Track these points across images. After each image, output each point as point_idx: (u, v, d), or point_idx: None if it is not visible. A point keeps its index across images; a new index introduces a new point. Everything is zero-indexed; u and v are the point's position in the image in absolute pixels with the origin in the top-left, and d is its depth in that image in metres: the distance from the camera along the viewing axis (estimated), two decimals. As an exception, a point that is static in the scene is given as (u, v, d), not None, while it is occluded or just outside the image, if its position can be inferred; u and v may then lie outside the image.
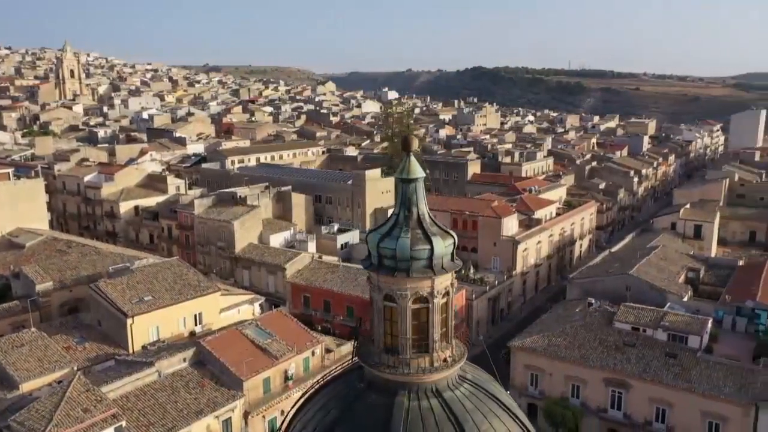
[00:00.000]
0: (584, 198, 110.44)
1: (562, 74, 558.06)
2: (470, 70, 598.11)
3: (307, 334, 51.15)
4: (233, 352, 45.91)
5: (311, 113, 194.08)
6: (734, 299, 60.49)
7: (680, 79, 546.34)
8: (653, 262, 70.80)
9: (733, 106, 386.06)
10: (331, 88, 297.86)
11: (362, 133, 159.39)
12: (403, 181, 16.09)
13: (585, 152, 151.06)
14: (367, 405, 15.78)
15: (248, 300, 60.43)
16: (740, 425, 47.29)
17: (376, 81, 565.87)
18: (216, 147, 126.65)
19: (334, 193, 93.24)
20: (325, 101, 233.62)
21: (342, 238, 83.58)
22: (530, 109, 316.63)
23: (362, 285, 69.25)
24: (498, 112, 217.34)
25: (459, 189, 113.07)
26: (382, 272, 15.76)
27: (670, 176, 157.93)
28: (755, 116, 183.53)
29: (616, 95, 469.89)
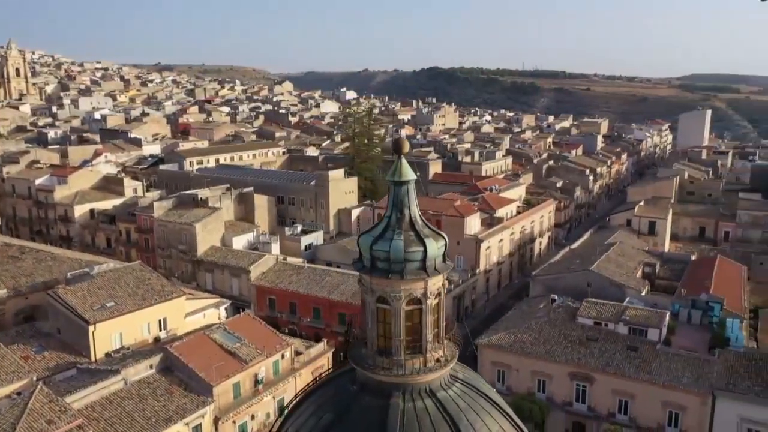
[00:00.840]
0: (543, 196, 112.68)
1: (517, 75, 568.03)
2: (426, 70, 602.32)
3: (276, 337, 50.70)
4: (201, 357, 45.11)
5: (269, 113, 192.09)
6: (689, 293, 62.83)
7: (629, 79, 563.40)
8: (612, 258, 72.93)
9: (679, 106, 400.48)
10: (288, 88, 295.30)
11: (322, 133, 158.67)
12: (395, 183, 16.19)
13: (542, 151, 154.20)
14: (362, 407, 15.80)
15: (213, 304, 59.47)
16: (698, 414, 49.18)
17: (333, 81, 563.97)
18: (173, 148, 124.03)
19: (297, 194, 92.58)
20: (283, 101, 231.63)
21: (306, 240, 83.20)
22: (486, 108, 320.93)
23: (328, 286, 69.19)
24: (456, 112, 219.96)
25: (421, 188, 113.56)
26: (376, 274, 15.81)
27: (623, 174, 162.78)
28: (701, 116, 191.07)
29: (569, 95, 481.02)
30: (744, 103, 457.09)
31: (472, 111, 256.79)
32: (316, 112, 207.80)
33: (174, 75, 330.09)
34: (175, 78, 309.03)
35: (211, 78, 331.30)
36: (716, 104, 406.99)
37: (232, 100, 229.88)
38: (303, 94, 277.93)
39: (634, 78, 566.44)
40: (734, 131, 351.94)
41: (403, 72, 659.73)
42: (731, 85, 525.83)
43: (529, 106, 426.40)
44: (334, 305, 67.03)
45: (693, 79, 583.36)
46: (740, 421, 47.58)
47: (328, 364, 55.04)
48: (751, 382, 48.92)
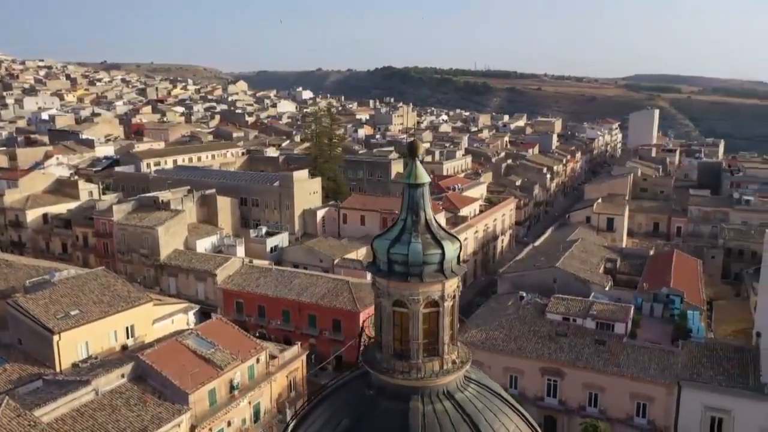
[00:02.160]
0: (503, 195, 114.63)
1: (469, 74, 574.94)
2: (380, 69, 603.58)
3: (249, 341, 49.93)
4: (175, 364, 44.00)
5: (225, 113, 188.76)
6: (651, 287, 64.91)
7: (577, 80, 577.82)
8: (575, 255, 74.68)
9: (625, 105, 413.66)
10: (243, 87, 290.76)
11: (281, 134, 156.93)
12: (410, 186, 16.11)
13: (499, 150, 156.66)
14: (381, 411, 15.68)
15: (182, 309, 58.17)
16: (665, 403, 50.89)
17: (287, 80, 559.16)
18: (128, 149, 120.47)
19: (261, 195, 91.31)
20: (239, 101, 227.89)
21: (271, 241, 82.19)
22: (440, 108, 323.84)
23: (297, 288, 68.56)
24: (414, 112, 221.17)
25: (383, 188, 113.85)
26: (394, 278, 15.70)
27: (577, 172, 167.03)
28: (650, 115, 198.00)
29: (520, 95, 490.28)
30: (685, 103, 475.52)
31: (429, 110, 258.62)
32: (273, 112, 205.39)
33: (123, 74, 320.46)
34: (124, 77, 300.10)
35: (162, 77, 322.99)
36: (660, 104, 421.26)
37: (186, 100, 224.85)
38: (258, 93, 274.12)
39: (582, 78, 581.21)
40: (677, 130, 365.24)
41: (357, 71, 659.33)
42: (673, 85, 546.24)
43: (482, 106, 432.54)
44: (304, 307, 66.50)
45: (637, 80, 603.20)
46: (704, 409, 49.43)
47: (302, 368, 54.66)
48: (713, 372, 50.90)
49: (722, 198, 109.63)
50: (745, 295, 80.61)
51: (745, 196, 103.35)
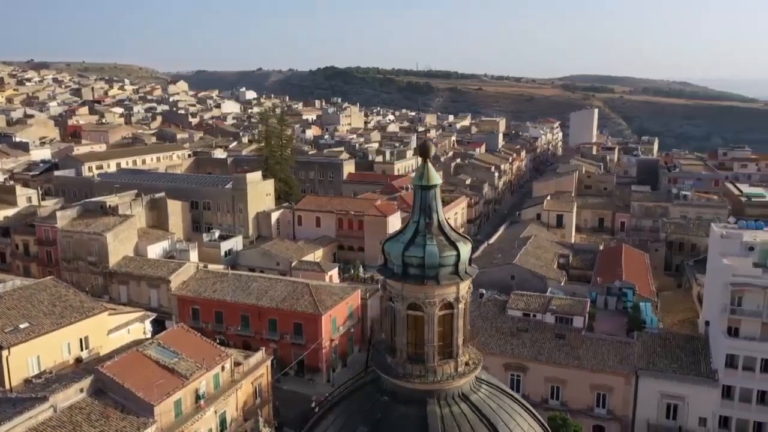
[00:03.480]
0: (454, 194, 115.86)
1: (412, 75, 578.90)
2: (323, 69, 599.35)
3: (213, 349, 48.56)
4: (138, 376, 42.29)
5: (167, 114, 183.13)
6: (604, 281, 67.04)
7: (516, 80, 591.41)
8: (530, 252, 76.36)
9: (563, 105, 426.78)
10: (183, 87, 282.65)
11: (227, 135, 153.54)
12: (422, 188, 15.96)
13: (447, 150, 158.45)
14: (398, 417, 15.49)
15: (138, 318, 56.06)
16: (623, 393, 52.68)
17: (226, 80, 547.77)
18: (67, 152, 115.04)
19: (213, 198, 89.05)
20: (180, 101, 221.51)
21: (225, 245, 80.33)
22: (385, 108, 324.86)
23: (256, 293, 67.19)
24: (361, 112, 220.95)
25: (335, 189, 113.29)
26: (409, 281, 15.52)
27: (523, 170, 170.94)
28: (590, 114, 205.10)
29: (462, 95, 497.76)
30: (619, 102, 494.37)
31: (375, 110, 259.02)
32: (217, 113, 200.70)
33: (53, 73, 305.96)
34: (56, 77, 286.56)
35: (97, 77, 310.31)
36: (595, 103, 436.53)
37: (124, 101, 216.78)
38: (200, 94, 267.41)
39: (520, 78, 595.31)
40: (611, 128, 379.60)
41: (299, 71, 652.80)
42: (607, 85, 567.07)
43: (425, 106, 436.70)
44: (264, 312, 65.25)
45: (573, 80, 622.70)
46: (660, 396, 51.48)
47: (267, 374, 53.61)
48: (667, 361, 53.07)
49: (661, 193, 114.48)
50: (687, 285, 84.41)
51: (683, 191, 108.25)
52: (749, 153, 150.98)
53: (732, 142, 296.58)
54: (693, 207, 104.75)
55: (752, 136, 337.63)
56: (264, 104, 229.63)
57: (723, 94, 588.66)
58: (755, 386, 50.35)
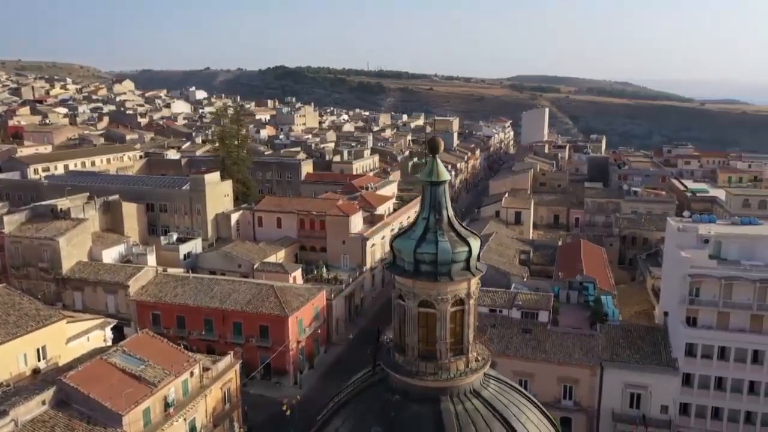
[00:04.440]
0: (412, 193, 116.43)
1: (363, 75, 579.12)
2: (273, 69, 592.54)
3: (181, 354, 47.21)
4: (103, 385, 40.68)
5: (114, 114, 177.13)
6: (565, 275, 68.55)
7: (466, 80, 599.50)
8: (493, 248, 77.37)
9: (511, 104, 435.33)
10: (129, 87, 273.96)
11: (180, 135, 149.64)
12: (431, 184, 15.86)
13: (403, 149, 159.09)
14: (413, 415, 15.33)
15: (98, 325, 53.98)
16: (589, 384, 54.02)
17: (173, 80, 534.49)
18: (10, 154, 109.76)
19: (170, 200, 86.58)
20: (127, 101, 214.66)
21: (184, 248, 78.32)
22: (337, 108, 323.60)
23: (219, 296, 65.78)
24: (316, 112, 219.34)
25: (293, 189, 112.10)
26: (421, 278, 15.38)
27: (477, 169, 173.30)
28: (541, 114, 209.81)
29: (413, 95, 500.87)
30: (565, 102, 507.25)
31: (329, 110, 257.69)
32: (167, 113, 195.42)
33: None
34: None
35: (36, 75, 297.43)
36: (542, 103, 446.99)
37: (67, 100, 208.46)
38: (147, 93, 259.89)
39: (470, 79, 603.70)
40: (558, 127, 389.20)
41: (248, 71, 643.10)
42: (553, 85, 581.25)
43: (377, 105, 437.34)
44: (228, 315, 63.98)
45: (520, 80, 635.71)
46: (624, 386, 53.06)
47: (236, 378, 52.51)
48: (630, 352, 54.71)
49: (612, 190, 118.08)
50: (641, 279, 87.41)
51: (633, 187, 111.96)
52: (692, 150, 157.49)
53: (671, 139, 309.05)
54: (643, 203, 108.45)
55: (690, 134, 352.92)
56: (215, 104, 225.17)
57: (661, 94, 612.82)
58: (713, 373, 52.52)
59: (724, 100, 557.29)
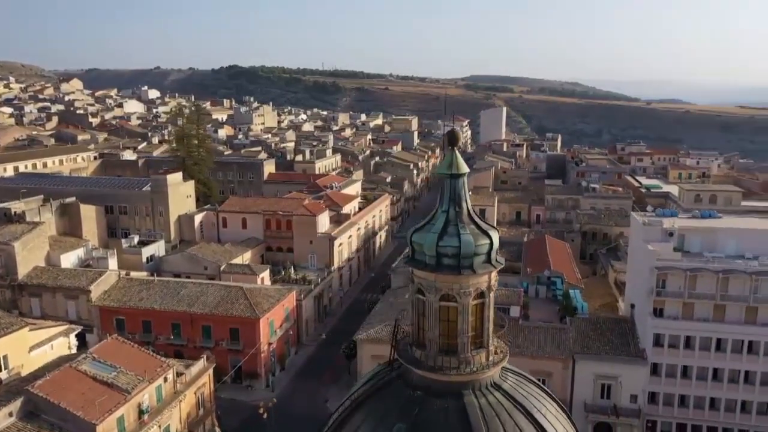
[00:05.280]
0: (376, 192, 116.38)
1: (318, 74, 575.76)
2: (226, 68, 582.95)
3: (153, 359, 45.82)
4: (74, 394, 39.09)
5: (64, 114, 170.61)
6: (533, 271, 69.63)
7: (421, 80, 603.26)
8: (461, 245, 77.93)
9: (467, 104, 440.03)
10: (78, 86, 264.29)
11: (134, 135, 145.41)
12: (451, 176, 15.70)
13: (364, 148, 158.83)
14: (437, 410, 15.18)
15: (62, 332, 51.89)
16: (562, 376, 54.98)
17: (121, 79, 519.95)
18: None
19: (130, 201, 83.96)
20: (77, 101, 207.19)
21: (147, 251, 76.06)
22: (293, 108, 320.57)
23: (186, 299, 64.20)
24: (274, 111, 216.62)
25: (255, 189, 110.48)
26: (443, 272, 15.23)
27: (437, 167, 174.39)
28: (499, 113, 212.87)
29: (369, 94, 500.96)
30: (518, 102, 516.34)
31: (287, 110, 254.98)
32: (120, 112, 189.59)
33: None
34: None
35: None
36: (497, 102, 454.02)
37: (12, 100, 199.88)
38: (97, 93, 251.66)
39: (425, 78, 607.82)
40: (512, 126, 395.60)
41: (200, 70, 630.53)
42: (507, 85, 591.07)
43: (332, 105, 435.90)
44: (197, 318, 62.49)
45: (474, 80, 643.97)
46: (596, 377, 54.24)
47: (210, 382, 51.34)
48: (600, 343, 55.99)
49: (572, 187, 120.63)
50: (602, 272, 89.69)
51: (592, 184, 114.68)
52: (643, 148, 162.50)
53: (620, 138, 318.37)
54: (601, 199, 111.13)
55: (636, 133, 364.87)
56: (169, 103, 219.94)
57: (610, 94, 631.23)
58: (679, 362, 54.23)
59: (668, 100, 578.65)
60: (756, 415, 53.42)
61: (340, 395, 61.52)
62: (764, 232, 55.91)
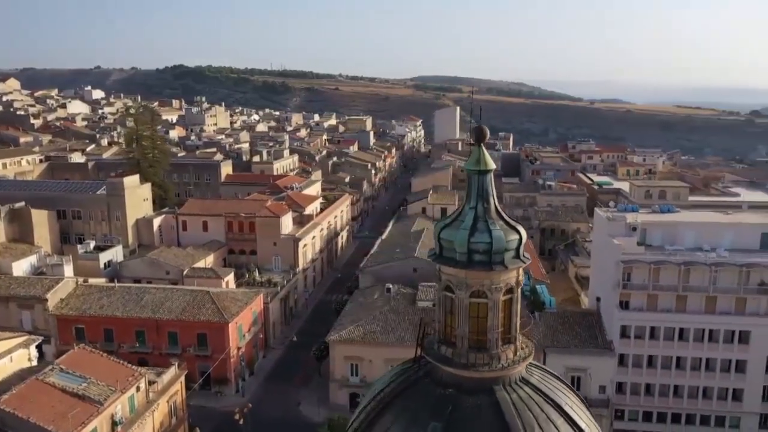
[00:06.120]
0: (335, 192, 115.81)
1: (266, 74, 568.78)
2: (171, 68, 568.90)
3: (125, 368, 44.27)
4: (43, 407, 37.35)
5: (3, 115, 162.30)
6: (500, 267, 70.56)
7: (370, 80, 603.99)
8: (427, 244, 78.19)
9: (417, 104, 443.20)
10: (15, 85, 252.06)
11: (82, 137, 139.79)
12: (479, 172, 15.66)
13: (321, 149, 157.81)
14: (471, 407, 15.12)
15: (22, 343, 49.19)
16: (533, 371, 55.92)
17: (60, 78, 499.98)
18: None
19: (84, 206, 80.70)
20: (15, 101, 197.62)
21: (104, 256, 73.38)
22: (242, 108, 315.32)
23: (151, 305, 62.35)
24: (227, 112, 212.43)
25: (213, 191, 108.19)
26: (476, 268, 15.18)
27: (394, 167, 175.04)
28: (453, 112, 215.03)
29: (319, 95, 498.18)
30: (466, 101, 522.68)
31: (238, 110, 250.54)
32: (63, 113, 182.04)
33: None
34: None
35: None
36: (446, 102, 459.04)
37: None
38: (37, 93, 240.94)
39: (374, 79, 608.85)
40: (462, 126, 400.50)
41: (144, 70, 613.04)
42: (455, 85, 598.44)
43: (282, 105, 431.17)
44: (163, 325, 60.74)
45: (423, 80, 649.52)
46: (566, 370, 55.35)
47: (182, 390, 49.91)
48: (569, 337, 57.39)
49: (528, 184, 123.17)
50: (562, 268, 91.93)
51: (548, 182, 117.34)
52: (593, 146, 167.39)
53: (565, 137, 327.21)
54: (557, 196, 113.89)
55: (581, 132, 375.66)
56: (115, 104, 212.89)
57: (554, 94, 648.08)
58: (645, 352, 56.11)
59: (610, 100, 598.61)
60: (717, 400, 55.80)
61: (312, 398, 61.29)
62: (721, 225, 58.49)
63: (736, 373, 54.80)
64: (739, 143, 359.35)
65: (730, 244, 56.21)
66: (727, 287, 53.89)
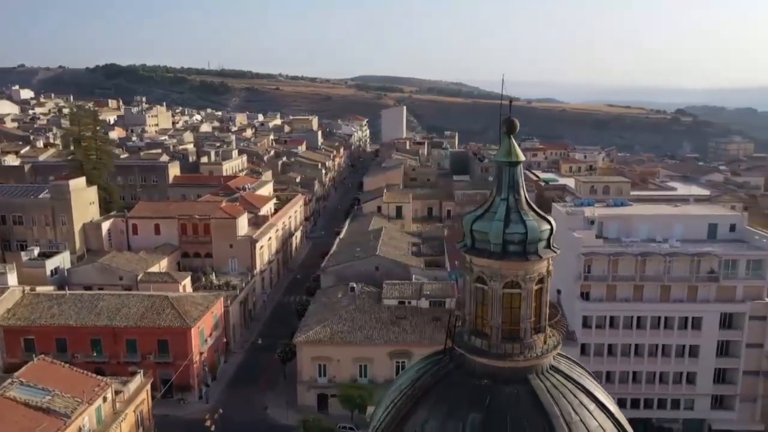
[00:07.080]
0: (287, 192, 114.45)
1: (204, 74, 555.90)
2: (102, 67, 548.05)
3: (90, 379, 42.37)
4: (6, 423, 35.27)
5: None
6: (460, 263, 71.50)
7: (311, 80, 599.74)
8: (387, 242, 78.54)
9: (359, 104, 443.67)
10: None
11: (14, 139, 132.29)
12: (510, 164, 15.76)
13: (268, 148, 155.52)
14: (509, 396, 15.24)
15: (-29, 357, 46.28)
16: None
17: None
18: None
19: (25, 210, 76.47)
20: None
21: (51, 263, 69.84)
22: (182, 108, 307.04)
23: (106, 312, 59.91)
24: (169, 112, 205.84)
25: (160, 193, 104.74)
26: (511, 259, 15.29)
27: (342, 167, 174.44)
28: (399, 112, 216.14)
29: (259, 94, 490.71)
30: (408, 101, 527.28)
31: (179, 110, 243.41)
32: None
33: None
34: None
35: None
36: (387, 102, 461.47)
37: None
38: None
39: (315, 78, 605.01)
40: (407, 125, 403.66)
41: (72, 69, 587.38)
42: (396, 85, 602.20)
43: (222, 105, 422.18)
44: (120, 332, 58.43)
45: (364, 80, 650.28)
46: (532, 362, 56.60)
47: (148, 399, 48.12)
48: (533, 329, 58.63)
49: (478, 182, 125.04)
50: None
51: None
52: (537, 144, 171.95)
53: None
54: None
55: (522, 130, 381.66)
56: (46, 104, 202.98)
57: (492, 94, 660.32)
58: (605, 341, 58.13)
59: (545, 99, 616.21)
60: (672, 384, 58.42)
61: (278, 401, 60.29)
62: (671, 217, 61.24)
63: (690, 358, 57.54)
64: (666, 140, 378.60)
65: (680, 235, 58.96)
66: (680, 276, 56.50)
